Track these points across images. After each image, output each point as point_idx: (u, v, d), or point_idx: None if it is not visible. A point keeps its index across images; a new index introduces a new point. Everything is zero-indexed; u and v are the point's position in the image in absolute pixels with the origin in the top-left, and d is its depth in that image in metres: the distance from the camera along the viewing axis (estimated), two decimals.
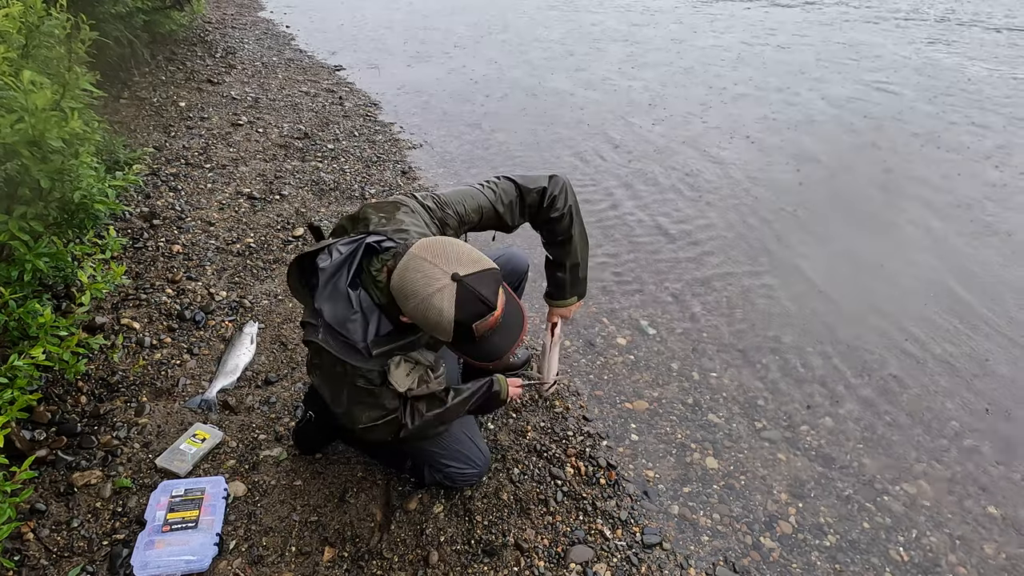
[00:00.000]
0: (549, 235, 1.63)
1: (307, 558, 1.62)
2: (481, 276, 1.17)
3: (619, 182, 3.96)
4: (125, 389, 2.07)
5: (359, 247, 1.30)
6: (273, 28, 7.50)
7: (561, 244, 1.62)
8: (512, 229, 1.60)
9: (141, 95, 4.62)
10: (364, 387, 1.32)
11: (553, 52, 6.93)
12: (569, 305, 1.74)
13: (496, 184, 1.52)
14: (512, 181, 1.52)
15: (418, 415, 1.44)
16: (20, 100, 1.63)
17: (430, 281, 1.14)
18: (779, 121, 5.01)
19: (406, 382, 1.37)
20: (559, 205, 1.53)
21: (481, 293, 1.16)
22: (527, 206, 1.53)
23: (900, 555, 1.76)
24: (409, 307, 1.18)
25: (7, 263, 1.74)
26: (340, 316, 1.26)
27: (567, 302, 1.73)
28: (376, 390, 1.34)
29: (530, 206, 1.53)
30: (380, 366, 1.32)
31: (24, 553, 1.55)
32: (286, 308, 2.53)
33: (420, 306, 1.16)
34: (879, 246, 3.33)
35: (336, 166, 3.87)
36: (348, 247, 1.31)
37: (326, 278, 1.28)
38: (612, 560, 1.66)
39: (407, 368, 1.37)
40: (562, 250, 1.63)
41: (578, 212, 1.60)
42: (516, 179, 1.53)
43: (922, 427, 2.20)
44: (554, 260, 1.69)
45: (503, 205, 1.50)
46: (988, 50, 7.22)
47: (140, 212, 3.06)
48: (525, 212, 1.54)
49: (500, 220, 1.53)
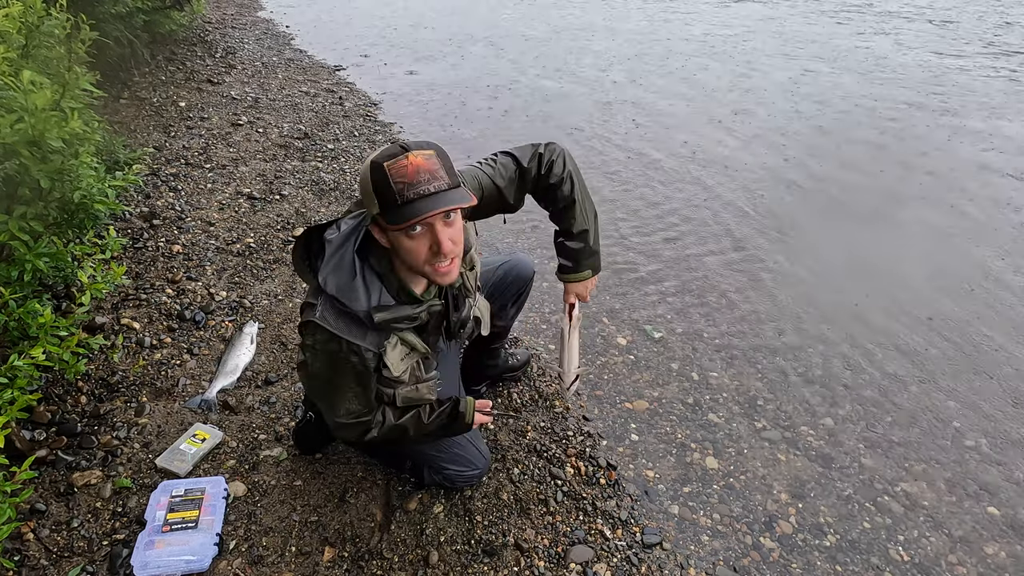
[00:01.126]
0: (552, 203, 1.58)
1: (307, 558, 1.62)
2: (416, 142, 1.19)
3: (620, 182, 3.96)
4: (125, 389, 2.07)
5: (366, 216, 1.29)
6: (273, 28, 7.50)
7: (565, 211, 1.57)
8: (515, 207, 1.56)
9: (141, 95, 4.62)
10: (355, 370, 1.30)
11: (553, 52, 6.93)
12: (584, 279, 1.66)
13: (494, 160, 1.50)
14: (509, 154, 1.50)
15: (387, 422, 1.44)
16: (20, 100, 1.63)
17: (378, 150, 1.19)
18: (774, 117, 5.01)
19: (400, 366, 1.36)
20: (557, 170, 1.50)
21: (403, 142, 1.17)
22: (527, 176, 1.50)
23: (900, 555, 1.76)
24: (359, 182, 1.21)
25: (7, 263, 1.74)
26: (343, 284, 1.25)
27: (581, 276, 1.64)
28: (366, 374, 1.32)
29: (530, 175, 1.50)
30: (376, 346, 1.30)
31: (24, 553, 1.55)
32: (286, 308, 2.53)
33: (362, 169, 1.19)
34: (879, 245, 3.33)
35: (336, 166, 3.87)
36: (355, 219, 1.31)
37: (333, 249, 1.27)
38: (612, 560, 1.66)
39: (403, 352, 1.36)
40: (567, 216, 1.57)
41: (580, 177, 1.56)
42: (512, 151, 1.51)
43: (922, 427, 2.20)
44: (562, 230, 1.62)
45: (503, 179, 1.47)
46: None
47: (140, 212, 3.06)
48: (527, 184, 1.51)
49: (502, 196, 1.50)
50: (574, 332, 1.72)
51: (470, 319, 1.54)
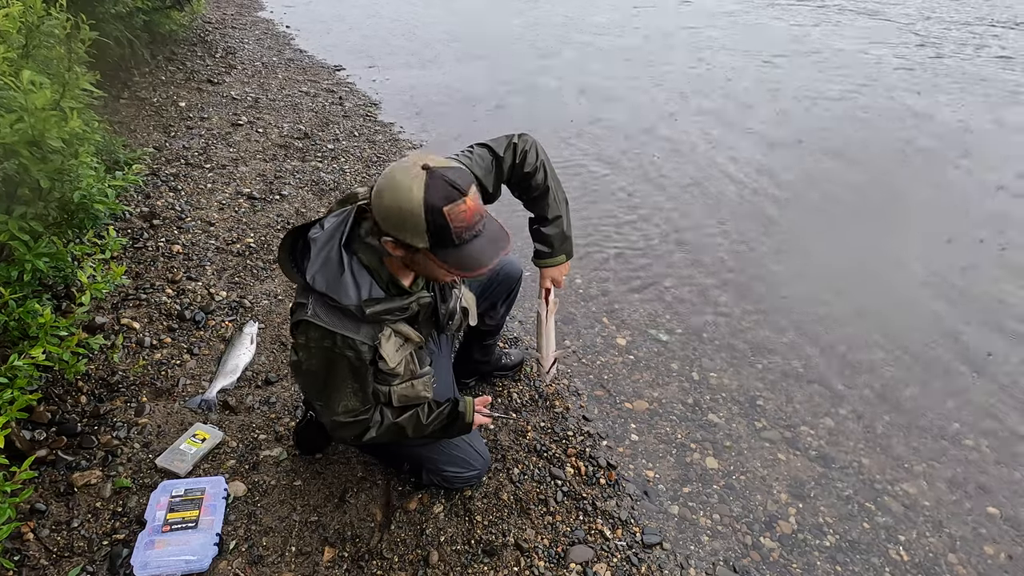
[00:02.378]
0: (526, 191, 1.64)
1: (307, 558, 1.62)
2: (452, 168, 1.18)
3: (620, 182, 3.96)
4: (125, 389, 2.07)
5: (350, 212, 1.31)
6: (273, 28, 7.50)
7: (540, 198, 1.63)
8: (493, 197, 1.60)
9: (141, 95, 4.62)
10: (351, 365, 1.31)
11: (551, 53, 6.93)
12: (559, 264, 1.72)
13: (471, 152, 1.54)
14: (484, 146, 1.54)
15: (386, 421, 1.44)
16: (20, 100, 1.63)
17: (400, 173, 1.16)
18: (774, 116, 5.02)
19: (396, 357, 1.37)
20: (531, 160, 1.56)
21: (451, 179, 1.16)
22: (503, 166, 1.55)
23: (900, 555, 1.76)
24: (382, 204, 1.18)
25: (7, 263, 1.74)
26: (331, 280, 1.26)
27: (556, 260, 1.70)
28: (363, 368, 1.33)
29: (505, 164, 1.55)
30: (371, 339, 1.31)
31: (24, 553, 1.55)
32: (286, 308, 2.53)
33: (393, 196, 1.16)
34: (878, 245, 3.33)
35: (336, 166, 3.87)
36: (339, 216, 1.32)
37: (318, 248, 1.28)
38: (612, 560, 1.66)
39: (397, 343, 1.37)
40: (542, 203, 1.63)
41: (551, 166, 1.62)
42: (487, 143, 1.55)
43: (922, 427, 2.20)
44: (536, 216, 1.69)
45: (481, 169, 1.51)
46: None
47: (140, 212, 3.06)
48: (503, 173, 1.56)
49: (481, 187, 1.52)
50: (550, 317, 1.76)
51: (457, 310, 1.57)
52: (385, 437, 1.47)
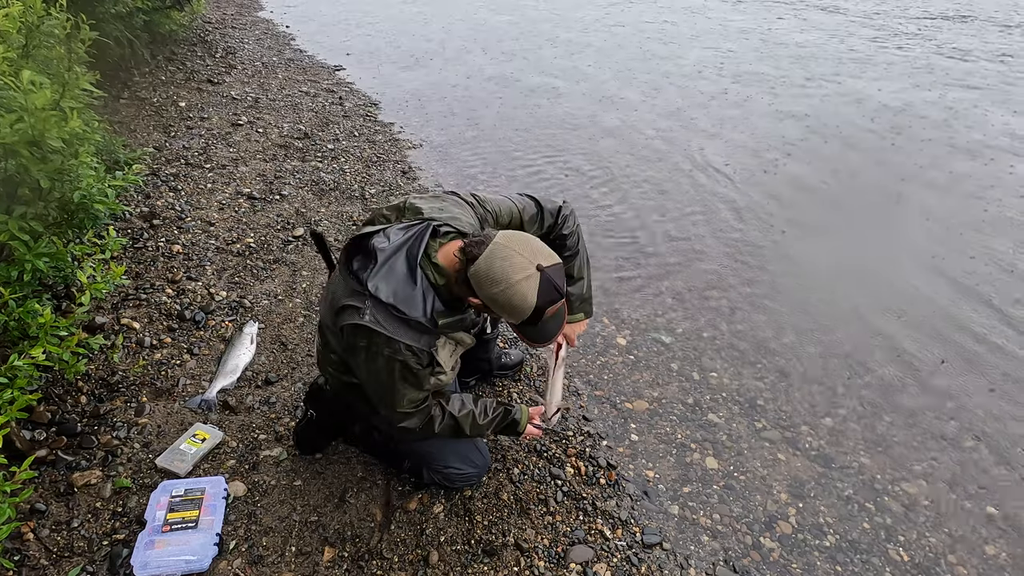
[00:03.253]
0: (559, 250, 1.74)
1: (307, 558, 1.62)
2: (557, 268, 1.32)
3: (620, 182, 3.96)
4: (125, 389, 2.07)
5: (425, 229, 1.39)
6: (273, 28, 7.50)
7: (568, 259, 1.74)
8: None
9: (141, 95, 4.62)
10: (410, 368, 1.37)
11: (550, 52, 6.93)
12: (576, 321, 1.81)
13: (521, 199, 1.67)
14: (534, 199, 1.68)
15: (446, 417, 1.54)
16: (20, 100, 1.63)
17: (517, 270, 1.27)
18: (774, 117, 5.01)
19: (449, 362, 1.51)
20: (570, 224, 1.72)
21: (557, 283, 1.31)
22: (545, 223, 1.68)
23: (900, 555, 1.76)
24: (493, 291, 1.28)
25: (7, 263, 1.74)
26: (401, 294, 1.34)
27: (575, 318, 1.80)
28: (420, 371, 1.40)
29: (548, 222, 1.69)
30: (429, 345, 1.40)
31: (24, 553, 1.55)
32: (286, 308, 2.53)
33: (506, 291, 1.27)
34: (879, 245, 3.33)
35: (336, 166, 3.87)
36: (408, 230, 1.39)
37: (384, 257, 1.35)
38: (612, 560, 1.66)
39: (450, 349, 1.51)
40: (569, 263, 1.75)
41: (582, 235, 1.78)
42: (537, 198, 1.69)
43: (922, 427, 2.20)
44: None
45: (528, 216, 1.65)
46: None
47: (140, 212, 3.06)
48: (543, 227, 1.69)
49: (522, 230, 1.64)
50: (559, 370, 1.79)
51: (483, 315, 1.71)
52: (446, 432, 1.56)
